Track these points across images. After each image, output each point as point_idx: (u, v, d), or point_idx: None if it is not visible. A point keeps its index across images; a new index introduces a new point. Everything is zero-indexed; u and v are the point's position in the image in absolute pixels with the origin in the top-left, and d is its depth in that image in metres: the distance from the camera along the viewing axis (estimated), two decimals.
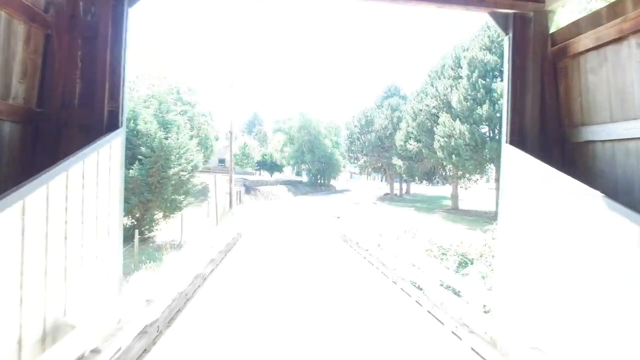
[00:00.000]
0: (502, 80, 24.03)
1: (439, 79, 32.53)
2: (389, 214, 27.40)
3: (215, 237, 10.18)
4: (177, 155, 15.19)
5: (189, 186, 16.12)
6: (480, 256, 12.67)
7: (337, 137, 61.62)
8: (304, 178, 63.23)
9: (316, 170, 55.33)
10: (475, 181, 38.15)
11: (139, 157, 14.10)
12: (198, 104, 35.90)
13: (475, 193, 42.84)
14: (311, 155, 53.57)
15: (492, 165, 30.23)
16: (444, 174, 38.99)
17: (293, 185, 51.45)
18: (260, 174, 63.75)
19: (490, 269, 12.09)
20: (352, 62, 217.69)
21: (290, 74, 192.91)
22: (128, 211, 15.29)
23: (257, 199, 39.76)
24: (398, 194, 50.67)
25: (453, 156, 26.18)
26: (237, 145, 48.88)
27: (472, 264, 12.26)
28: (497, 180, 30.41)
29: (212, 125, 39.14)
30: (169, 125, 15.23)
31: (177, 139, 15.35)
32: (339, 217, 30.49)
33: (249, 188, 40.94)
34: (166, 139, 14.39)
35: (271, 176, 63.77)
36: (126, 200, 14.35)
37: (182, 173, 15.76)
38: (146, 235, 16.40)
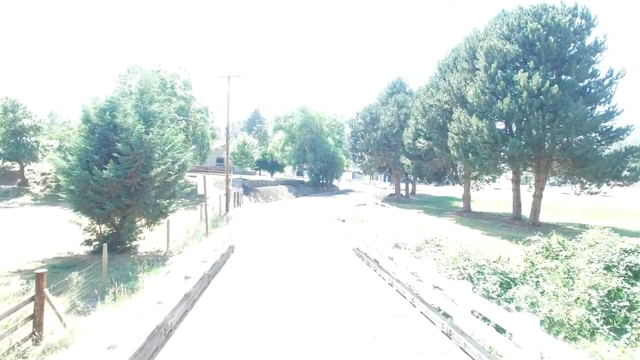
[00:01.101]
0: (524, 71, 21.90)
1: (452, 71, 30.40)
2: (399, 217, 25.29)
3: (200, 254, 8.07)
4: (161, 153, 13.07)
5: (175, 188, 13.99)
6: (524, 276, 10.50)
7: (340, 136, 59.49)
8: (306, 178, 61.08)
9: (318, 170, 53.13)
10: (488, 181, 36.06)
11: (115, 155, 11.98)
12: (194, 99, 33.79)
13: (484, 194, 40.61)
14: (313, 155, 51.40)
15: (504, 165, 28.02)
16: (454, 173, 36.87)
17: (294, 186, 49.34)
18: (260, 173, 61.69)
19: (540, 291, 9.86)
20: (351, 53, 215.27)
21: (290, 69, 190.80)
22: (106, 218, 13.20)
23: (256, 200, 37.67)
24: (404, 194, 48.57)
25: (470, 155, 23.99)
26: (235, 144, 46.80)
27: (515, 285, 10.10)
28: (514, 181, 28.26)
29: (209, 123, 37.03)
30: (152, 118, 13.09)
31: (162, 134, 13.22)
32: (344, 220, 28.44)
33: (248, 188, 38.87)
34: (147, 133, 12.26)
35: (272, 176, 61.69)
36: (100, 207, 12.27)
37: (168, 173, 13.66)
38: (127, 245, 14.32)
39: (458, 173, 37.03)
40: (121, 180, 12.22)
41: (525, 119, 21.55)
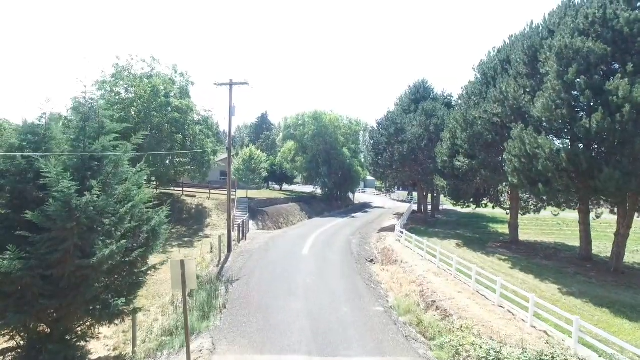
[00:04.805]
0: (623, 78, 16.51)
1: (501, 76, 25.03)
2: (438, 252, 19.84)
3: None
4: (113, 219, 7.97)
5: (139, 274, 8.86)
6: None
7: (356, 145, 54.20)
8: (317, 189, 55.81)
9: (332, 185, 47.82)
10: (537, 209, 30.49)
11: (21, 232, 6.91)
12: (191, 109, 28.81)
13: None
14: (327, 167, 46.16)
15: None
16: (495, 197, 31.37)
17: (306, 203, 44.16)
18: (268, 186, 56.65)
19: None
20: (361, 52, 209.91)
21: (299, 72, 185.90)
22: (23, 325, 8.09)
23: (264, 226, 32.54)
24: (429, 212, 43.13)
25: (539, 185, 18.61)
26: (241, 158, 41.77)
27: None
28: (583, 212, 22.73)
29: (211, 136, 32.02)
30: (97, 163, 7.95)
31: (114, 189, 8.10)
32: (372, 261, 23.24)
33: (255, 211, 33.78)
34: (81, 194, 7.14)
35: (280, 188, 56.66)
36: None
37: (128, 248, 8.54)
38: (74, 343, 9.25)
39: (499, 197, 31.58)
40: (39, 273, 7.13)
41: (624, 140, 16.17)
